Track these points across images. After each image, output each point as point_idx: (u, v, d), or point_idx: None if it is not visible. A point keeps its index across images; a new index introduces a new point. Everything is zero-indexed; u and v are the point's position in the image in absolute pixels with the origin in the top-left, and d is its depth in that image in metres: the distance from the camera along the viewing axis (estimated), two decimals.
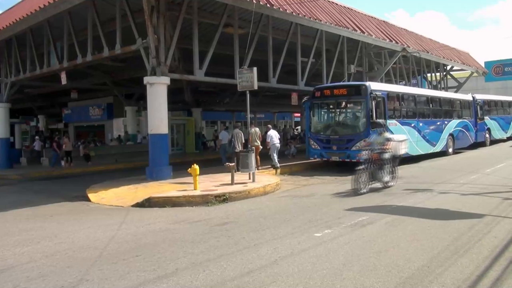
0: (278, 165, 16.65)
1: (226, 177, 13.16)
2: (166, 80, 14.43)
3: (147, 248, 6.68)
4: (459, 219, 7.88)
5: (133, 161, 22.37)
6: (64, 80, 18.87)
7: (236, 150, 16.41)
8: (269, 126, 19.33)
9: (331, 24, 18.49)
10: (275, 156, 16.85)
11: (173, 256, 6.16)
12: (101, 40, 15.81)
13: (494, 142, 27.41)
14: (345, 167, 16.49)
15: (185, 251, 6.41)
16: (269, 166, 16.94)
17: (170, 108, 18.30)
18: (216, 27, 16.33)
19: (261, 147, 16.76)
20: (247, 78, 13.36)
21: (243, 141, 16.98)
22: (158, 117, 14.47)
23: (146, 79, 14.34)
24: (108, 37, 15.85)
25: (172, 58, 15.06)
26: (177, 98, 26.21)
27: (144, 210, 10.38)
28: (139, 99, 30.22)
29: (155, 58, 14.15)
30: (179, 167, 15.04)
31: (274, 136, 17.25)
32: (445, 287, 4.75)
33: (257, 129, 16.95)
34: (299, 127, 43.58)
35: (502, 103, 30.66)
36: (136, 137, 31.92)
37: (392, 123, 16.77)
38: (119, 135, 32.99)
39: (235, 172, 12.83)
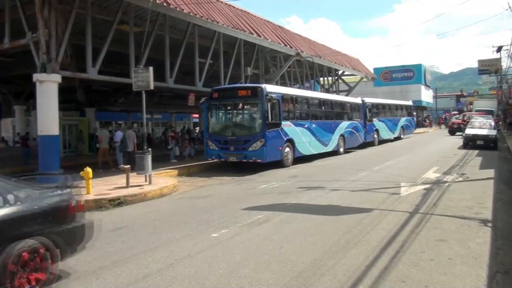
0: (121, 165, 16.69)
1: (121, 180, 12.71)
2: (57, 77, 13.63)
3: None
4: (349, 214, 8.31)
5: (22, 164, 20.78)
6: None
7: (129, 150, 16.72)
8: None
9: (228, 26, 18.63)
10: (120, 157, 17.46)
11: (64, 265, 5.79)
12: None
13: (382, 142, 29.39)
14: (243, 167, 16.74)
15: (77, 259, 6.05)
16: (167, 167, 16.70)
17: (62, 108, 17.46)
18: (110, 23, 15.75)
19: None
20: (143, 78, 13.00)
21: (136, 142, 17.33)
22: (48, 117, 13.62)
23: (36, 76, 13.44)
24: None
25: (64, 54, 14.25)
26: (69, 97, 24.90)
27: None
28: (29, 98, 28.30)
29: (46, 54, 13.32)
30: (72, 171, 14.22)
31: (118, 137, 17.90)
32: (337, 278, 4.97)
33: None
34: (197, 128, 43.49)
35: (389, 106, 32.99)
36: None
37: (286, 125, 17.29)
38: (3, 137, 30.73)
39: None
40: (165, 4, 14.90)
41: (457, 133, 35.82)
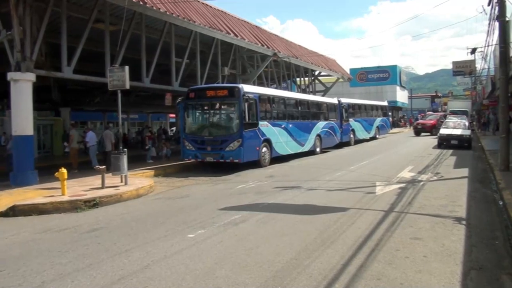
0: (96, 166, 16.59)
1: (97, 181, 12.53)
2: (31, 76, 13.39)
3: (12, 262, 6.10)
4: (326, 213, 8.35)
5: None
6: None
7: (106, 150, 16.67)
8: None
9: (205, 26, 18.55)
10: (94, 157, 17.34)
11: (39, 269, 5.70)
12: None
13: (358, 142, 29.70)
14: (220, 168, 16.70)
15: (52, 262, 5.97)
16: (143, 168, 16.55)
17: (37, 108, 17.13)
18: (86, 22, 15.52)
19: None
20: (119, 77, 12.83)
21: (113, 141, 17.23)
22: (22, 117, 13.38)
23: (10, 75, 13.19)
24: None
25: (39, 53, 14.01)
26: (44, 97, 24.42)
27: (9, 219, 9.47)
28: (3, 97, 27.66)
29: (20, 52, 13.08)
30: (47, 171, 13.96)
31: (92, 137, 17.76)
32: (313, 277, 4.97)
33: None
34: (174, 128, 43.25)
35: (365, 106, 33.34)
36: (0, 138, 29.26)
37: (264, 125, 17.30)
38: None
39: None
40: (141, 3, 14.77)
41: (422, 134, 36.35)
